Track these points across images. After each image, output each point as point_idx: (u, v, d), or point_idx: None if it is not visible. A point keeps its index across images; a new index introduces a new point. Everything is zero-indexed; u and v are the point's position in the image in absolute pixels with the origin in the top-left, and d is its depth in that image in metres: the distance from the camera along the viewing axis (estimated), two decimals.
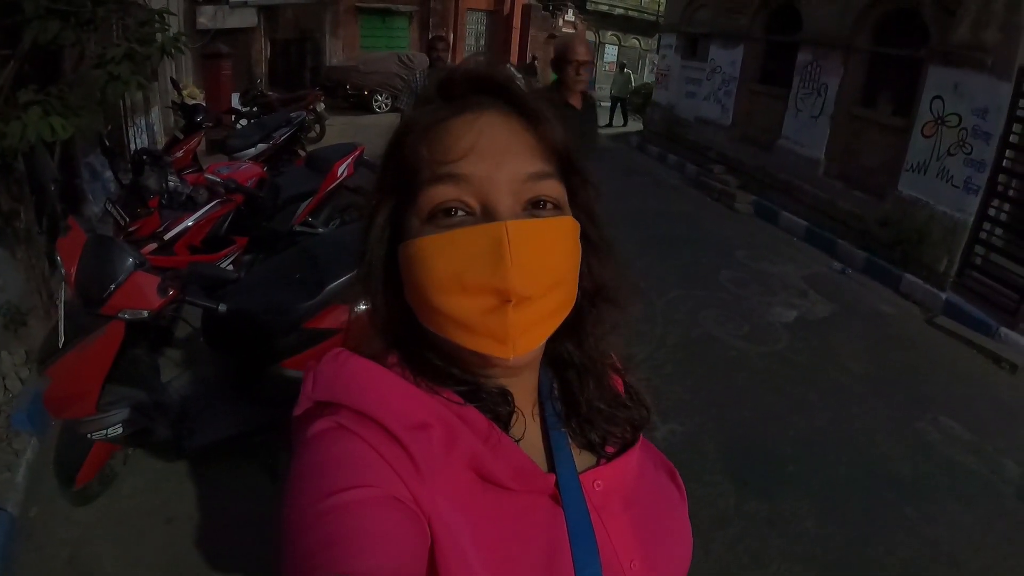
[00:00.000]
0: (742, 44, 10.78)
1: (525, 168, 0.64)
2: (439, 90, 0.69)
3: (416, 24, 19.36)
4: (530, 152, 0.65)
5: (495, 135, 0.64)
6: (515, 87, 0.67)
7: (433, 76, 0.72)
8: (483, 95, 0.67)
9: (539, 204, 0.65)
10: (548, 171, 0.66)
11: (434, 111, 0.67)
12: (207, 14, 13.01)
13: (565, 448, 0.72)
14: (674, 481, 0.83)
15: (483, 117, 0.65)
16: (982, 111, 6.44)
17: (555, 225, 0.64)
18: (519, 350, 0.62)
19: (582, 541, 0.64)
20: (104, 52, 3.29)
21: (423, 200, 0.63)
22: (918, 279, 6.81)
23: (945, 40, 6.83)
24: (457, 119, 0.65)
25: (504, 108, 0.66)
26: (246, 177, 4.81)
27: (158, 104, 8.52)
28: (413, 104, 0.71)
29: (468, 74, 0.69)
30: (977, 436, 4.22)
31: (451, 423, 0.62)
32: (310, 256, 3.17)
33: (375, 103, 15.58)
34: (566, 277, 0.66)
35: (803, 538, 3.13)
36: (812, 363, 4.99)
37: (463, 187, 0.62)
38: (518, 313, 0.60)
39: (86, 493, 2.82)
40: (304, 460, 0.58)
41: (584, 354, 0.76)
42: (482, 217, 0.62)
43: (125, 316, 2.54)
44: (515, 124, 0.66)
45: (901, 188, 7.43)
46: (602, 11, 24.73)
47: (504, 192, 0.62)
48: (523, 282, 0.60)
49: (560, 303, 0.65)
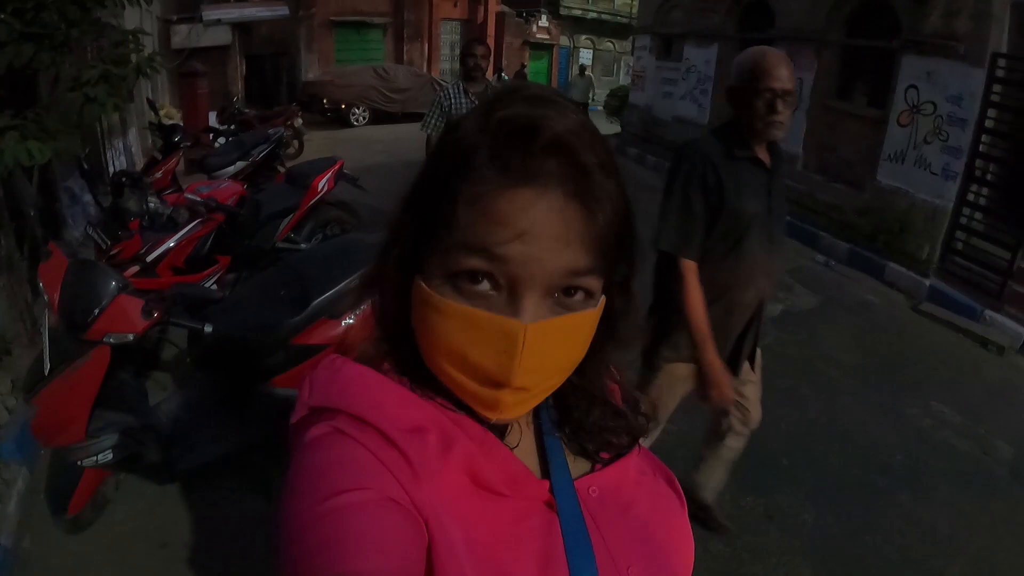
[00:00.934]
0: (716, 43, 10.87)
1: (569, 265, 0.58)
2: (507, 141, 0.58)
3: (391, 36, 19.41)
4: (580, 244, 0.58)
5: (549, 224, 0.57)
6: (583, 149, 0.58)
7: (505, 109, 0.60)
8: (548, 159, 0.57)
9: (570, 292, 0.61)
10: (592, 267, 0.60)
11: (490, 177, 0.58)
12: (181, 33, 12.99)
13: (560, 455, 0.72)
14: (673, 487, 0.82)
15: (543, 200, 0.57)
16: (956, 98, 6.54)
17: (579, 321, 0.62)
18: (507, 417, 0.62)
19: (577, 548, 0.64)
20: (80, 74, 3.27)
21: (453, 259, 0.59)
22: (901, 267, 6.88)
23: (917, 30, 6.93)
24: (514, 194, 0.57)
25: (566, 189, 0.57)
26: (226, 195, 4.80)
27: (135, 125, 8.46)
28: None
29: (532, 127, 0.57)
30: (968, 419, 4.26)
31: (447, 428, 0.62)
32: (295, 272, 3.15)
33: (352, 116, 15.64)
34: (573, 364, 0.65)
35: (801, 530, 3.15)
36: (800, 356, 5.02)
37: (498, 266, 0.57)
38: (513, 396, 0.60)
39: (79, 521, 2.78)
40: (301, 465, 0.58)
41: (584, 379, 0.74)
42: (507, 299, 0.59)
43: (110, 340, 2.51)
44: (572, 212, 0.58)
45: (880, 178, 7.51)
46: (575, 15, 24.91)
47: (538, 286, 0.58)
48: (525, 379, 0.59)
49: (558, 382, 0.65)
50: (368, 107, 15.65)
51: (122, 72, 3.37)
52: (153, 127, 6.93)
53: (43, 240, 3.08)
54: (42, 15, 3.13)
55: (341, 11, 18.07)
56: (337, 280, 2.98)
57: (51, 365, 2.53)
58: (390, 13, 19.07)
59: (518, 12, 22.39)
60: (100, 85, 3.22)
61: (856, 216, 7.67)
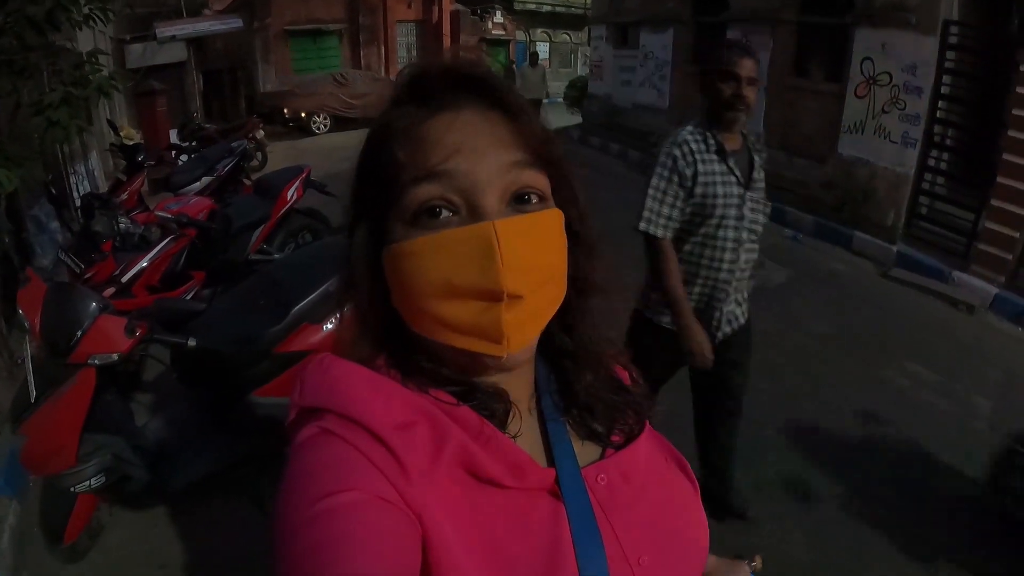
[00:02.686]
0: (671, 28, 10.98)
1: (507, 157, 0.62)
2: (411, 89, 0.66)
3: (347, 42, 19.28)
4: (511, 144, 0.63)
5: (476, 132, 0.62)
6: (494, 81, 0.65)
7: (403, 73, 0.69)
8: (459, 91, 0.64)
9: (524, 198, 0.63)
10: (531, 160, 0.64)
11: (409, 113, 0.65)
12: (136, 52, 12.82)
13: (565, 441, 0.70)
14: (685, 473, 0.81)
15: (461, 116, 0.63)
16: (911, 67, 6.70)
17: (543, 219, 0.64)
18: (513, 347, 0.61)
19: (585, 538, 0.63)
20: (41, 99, 3.23)
21: (406, 201, 0.62)
22: (868, 236, 7.03)
23: (869, 3, 7.08)
24: (434, 120, 0.63)
25: (482, 104, 0.64)
26: (197, 210, 4.77)
27: (96, 148, 8.33)
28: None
29: (443, 70, 0.65)
30: (945, 377, 4.38)
31: (438, 421, 0.61)
32: (272, 281, 3.15)
33: (314, 125, 15.51)
34: (556, 271, 0.65)
35: (789, 497, 3.22)
36: (775, 329, 5.07)
37: (446, 184, 0.61)
38: (511, 312, 0.59)
39: (76, 549, 2.75)
40: (292, 468, 0.58)
41: (577, 342, 0.75)
42: (468, 216, 0.61)
43: (95, 362, 2.49)
44: (494, 119, 0.64)
45: (841, 150, 7.66)
46: (530, 10, 24.93)
47: (489, 186, 0.61)
48: (515, 281, 0.59)
49: (551, 297, 0.65)
50: (329, 115, 15.57)
51: (83, 94, 3.33)
52: (115, 148, 6.83)
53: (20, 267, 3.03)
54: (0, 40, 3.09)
55: (296, 20, 17.93)
56: (315, 285, 2.99)
57: (37, 392, 2.51)
58: (345, 19, 18.95)
59: (473, 10, 22.35)
60: (62, 108, 3.18)
61: (820, 189, 7.81)
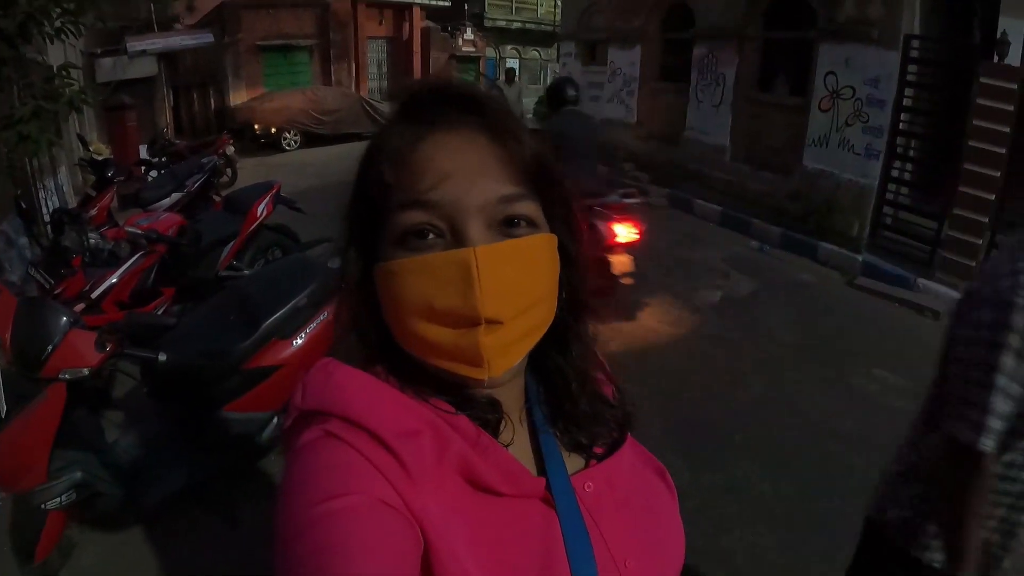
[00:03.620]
0: (639, 45, 11.16)
1: (496, 192, 0.63)
2: (403, 108, 0.68)
3: (318, 57, 19.23)
4: (502, 173, 0.63)
5: (465, 158, 0.63)
6: (485, 100, 0.66)
7: (395, 92, 0.70)
8: (451, 110, 0.65)
9: (513, 223, 0.64)
10: (520, 192, 0.64)
11: (401, 132, 0.65)
12: (106, 66, 12.70)
13: (555, 451, 0.72)
14: (664, 480, 0.83)
15: (452, 138, 0.64)
16: (874, 80, 6.92)
17: (529, 244, 0.64)
18: (495, 371, 0.62)
19: (576, 543, 0.64)
20: (12, 112, 3.20)
21: (393, 224, 0.63)
22: (834, 246, 7.18)
23: (832, 19, 7.31)
24: (425, 141, 0.64)
25: (474, 125, 0.65)
26: (167, 226, 4.74)
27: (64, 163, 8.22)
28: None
29: (435, 89, 0.67)
30: (911, 381, 4.42)
31: (441, 429, 0.61)
32: (242, 296, 3.17)
33: (284, 141, 15.46)
34: (542, 295, 0.65)
35: (760, 500, 3.28)
36: (743, 338, 5.20)
37: (432, 213, 0.62)
38: (490, 336, 0.60)
39: (47, 568, 2.70)
40: (294, 470, 0.58)
41: (568, 363, 0.76)
42: (452, 241, 0.62)
43: (66, 376, 2.48)
44: (485, 143, 0.64)
45: (806, 163, 7.85)
46: (500, 27, 25.07)
47: (474, 216, 0.62)
48: (494, 307, 0.59)
49: (537, 321, 0.65)
50: (299, 131, 15.52)
51: (54, 107, 3.32)
52: (84, 163, 6.75)
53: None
54: None
55: (267, 35, 17.84)
56: (285, 300, 3.01)
57: (7, 407, 2.49)
58: (316, 35, 18.90)
59: (443, 27, 22.45)
60: (33, 122, 3.16)
61: (786, 201, 7.98)
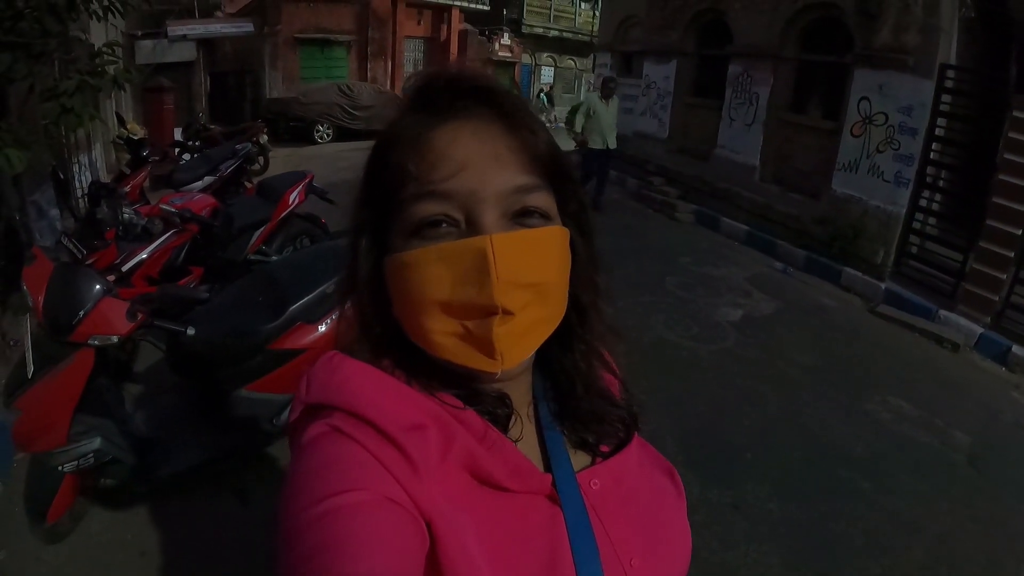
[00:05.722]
0: (675, 59, 11.12)
1: (512, 182, 0.63)
2: (416, 97, 0.67)
3: (355, 54, 19.41)
4: (517, 163, 0.63)
5: (481, 148, 0.63)
6: (499, 91, 0.65)
7: (411, 80, 0.69)
8: (465, 100, 0.65)
9: (527, 213, 0.64)
10: (535, 183, 0.64)
11: (416, 122, 0.65)
12: (146, 48, 12.93)
13: (561, 448, 0.72)
14: (672, 480, 0.83)
15: (467, 127, 0.64)
16: (907, 108, 6.84)
17: (543, 236, 0.64)
18: (508, 363, 0.62)
19: (581, 540, 0.64)
20: (57, 85, 3.28)
21: (408, 215, 0.63)
22: (857, 272, 7.14)
23: (869, 44, 7.24)
24: (440, 130, 0.64)
25: (488, 115, 0.64)
26: (200, 207, 4.81)
27: (100, 140, 8.38)
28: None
29: (450, 79, 0.66)
30: (926, 412, 4.44)
31: (447, 424, 0.61)
32: (271, 279, 3.21)
33: (317, 134, 15.61)
34: (555, 287, 0.65)
35: (767, 519, 3.26)
36: (760, 358, 5.17)
37: (448, 203, 0.62)
38: (505, 326, 0.60)
39: (58, 530, 2.75)
40: (299, 465, 0.58)
41: (573, 360, 0.76)
42: (467, 230, 0.62)
43: (95, 342, 2.52)
44: (499, 133, 0.64)
45: (835, 187, 7.78)
46: (537, 33, 25.18)
47: (490, 205, 0.61)
48: (509, 296, 0.59)
49: (550, 313, 0.65)
50: (332, 124, 15.66)
51: (98, 83, 3.39)
52: (120, 142, 6.86)
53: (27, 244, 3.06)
54: (20, 24, 3.15)
55: (305, 28, 18.04)
56: (312, 287, 3.05)
57: (34, 368, 2.54)
58: (354, 31, 19.09)
59: (481, 31, 22.57)
60: (77, 96, 3.23)
61: (813, 224, 7.92)
